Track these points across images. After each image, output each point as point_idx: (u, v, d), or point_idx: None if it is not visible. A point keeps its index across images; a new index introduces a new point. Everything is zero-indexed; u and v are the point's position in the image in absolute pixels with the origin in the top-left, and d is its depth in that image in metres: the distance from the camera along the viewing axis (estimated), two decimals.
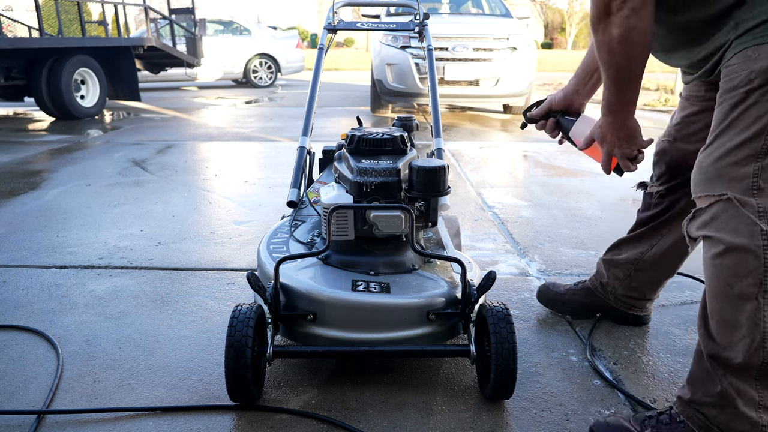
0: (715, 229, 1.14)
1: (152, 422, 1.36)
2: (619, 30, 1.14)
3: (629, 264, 1.72)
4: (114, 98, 7.83)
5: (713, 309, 1.16)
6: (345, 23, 2.40)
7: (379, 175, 1.49)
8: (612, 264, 1.76)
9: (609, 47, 1.18)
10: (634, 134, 1.34)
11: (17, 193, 3.39)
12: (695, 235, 1.19)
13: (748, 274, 1.09)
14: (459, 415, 1.38)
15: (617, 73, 1.22)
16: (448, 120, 6.63)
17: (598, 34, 1.19)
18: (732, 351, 1.12)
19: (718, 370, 1.15)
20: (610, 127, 1.33)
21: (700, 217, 1.18)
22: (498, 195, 3.40)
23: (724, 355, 1.14)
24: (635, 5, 1.12)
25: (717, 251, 1.13)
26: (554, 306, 1.91)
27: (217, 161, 4.41)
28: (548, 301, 1.92)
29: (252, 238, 2.62)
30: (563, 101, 1.62)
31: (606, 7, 1.14)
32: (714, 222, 1.14)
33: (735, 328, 1.12)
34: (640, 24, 1.14)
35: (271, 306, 1.39)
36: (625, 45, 1.16)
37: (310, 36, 39.92)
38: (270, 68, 11.79)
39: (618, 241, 1.77)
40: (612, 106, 1.29)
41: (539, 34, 46.38)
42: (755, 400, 1.12)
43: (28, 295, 2.03)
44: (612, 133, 1.34)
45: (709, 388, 1.16)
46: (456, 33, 6.20)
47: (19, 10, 7.05)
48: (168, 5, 8.93)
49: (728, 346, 1.13)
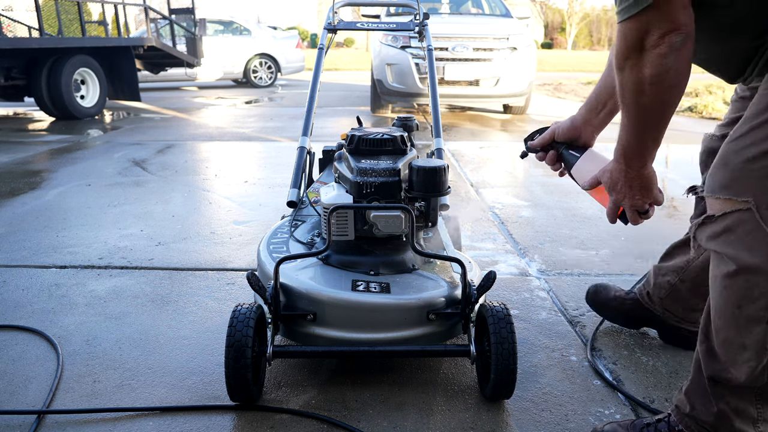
0: (728, 244, 1.02)
1: (152, 422, 1.36)
2: (652, 70, 0.98)
3: (675, 272, 1.58)
4: (114, 98, 7.83)
5: (718, 327, 1.08)
6: (345, 23, 2.40)
7: (379, 175, 1.49)
8: (660, 271, 1.63)
9: (637, 88, 1.01)
10: (649, 185, 1.17)
11: (17, 193, 3.39)
12: (705, 246, 1.08)
13: (760, 296, 1.00)
14: (459, 415, 1.38)
15: (643, 116, 1.05)
16: (448, 120, 6.62)
17: (623, 72, 1.02)
18: (735, 371, 1.06)
19: (717, 390, 1.10)
20: (622, 174, 1.16)
21: (711, 225, 1.05)
22: (498, 195, 3.39)
23: (725, 376, 1.08)
24: (675, 42, 0.95)
25: (728, 271, 1.03)
26: (601, 311, 1.80)
27: (217, 161, 4.41)
28: (596, 305, 1.81)
29: (252, 238, 2.62)
30: (569, 132, 1.41)
31: (638, 41, 0.97)
32: (727, 235, 1.02)
33: (741, 350, 1.05)
34: (677, 64, 0.97)
35: (271, 306, 1.39)
36: (657, 87, 0.99)
37: (310, 36, 39.91)
38: (270, 68, 11.78)
39: (670, 248, 1.63)
40: (629, 152, 1.12)
41: (539, 34, 46.39)
42: (753, 417, 1.09)
43: (28, 295, 2.03)
44: (624, 182, 1.17)
45: (707, 407, 1.12)
46: (456, 33, 6.20)
47: (19, 10, 7.05)
48: (168, 5, 8.93)
49: (732, 365, 1.07)
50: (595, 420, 1.37)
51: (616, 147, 1.15)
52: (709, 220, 1.06)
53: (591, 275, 2.23)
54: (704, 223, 1.07)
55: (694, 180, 1.48)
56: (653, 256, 2.39)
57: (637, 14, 0.96)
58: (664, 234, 2.65)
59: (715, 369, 1.09)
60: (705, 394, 1.13)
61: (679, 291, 1.58)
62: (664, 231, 2.71)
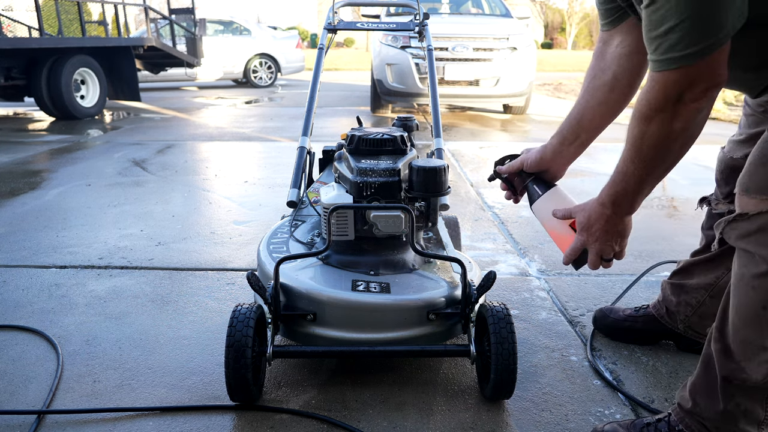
0: (761, 244, 0.99)
1: (152, 422, 1.36)
2: (684, 124, 0.94)
3: (702, 290, 1.52)
4: (114, 98, 7.83)
5: (737, 326, 1.05)
6: (345, 23, 2.40)
7: (379, 175, 1.49)
8: (682, 290, 1.57)
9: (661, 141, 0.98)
10: (625, 233, 1.17)
11: (17, 193, 3.39)
12: (734, 244, 1.06)
13: None
14: (459, 415, 1.38)
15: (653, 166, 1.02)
16: (448, 120, 6.62)
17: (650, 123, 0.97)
18: (752, 371, 1.04)
19: (729, 390, 1.08)
20: (603, 218, 1.15)
21: (743, 223, 1.01)
22: (498, 195, 3.39)
23: (741, 375, 1.06)
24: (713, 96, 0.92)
25: (759, 271, 0.99)
26: (613, 334, 1.74)
27: (217, 161, 4.41)
28: (606, 329, 1.75)
29: (252, 238, 2.62)
30: (538, 164, 1.37)
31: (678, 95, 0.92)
32: (761, 235, 0.99)
33: (760, 350, 1.03)
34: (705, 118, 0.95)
35: (271, 306, 1.39)
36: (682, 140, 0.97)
37: (310, 36, 39.92)
38: (270, 68, 11.79)
39: (686, 264, 1.57)
40: (622, 198, 1.10)
41: (539, 34, 46.40)
42: (759, 419, 1.09)
43: (28, 295, 2.03)
44: (602, 226, 1.15)
45: (713, 405, 1.11)
46: (456, 33, 6.21)
47: (19, 10, 7.05)
48: (168, 5, 8.93)
49: (747, 365, 1.05)
50: (595, 420, 1.37)
51: (607, 192, 1.12)
52: (741, 218, 1.02)
53: (591, 275, 2.23)
54: (735, 221, 1.03)
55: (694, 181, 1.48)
56: (653, 256, 2.39)
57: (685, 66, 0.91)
58: (664, 234, 2.65)
59: (731, 368, 1.07)
60: (711, 392, 1.12)
61: (709, 308, 1.51)
62: (663, 231, 2.71)
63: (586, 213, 1.18)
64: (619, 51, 1.26)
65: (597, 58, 1.31)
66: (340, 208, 1.44)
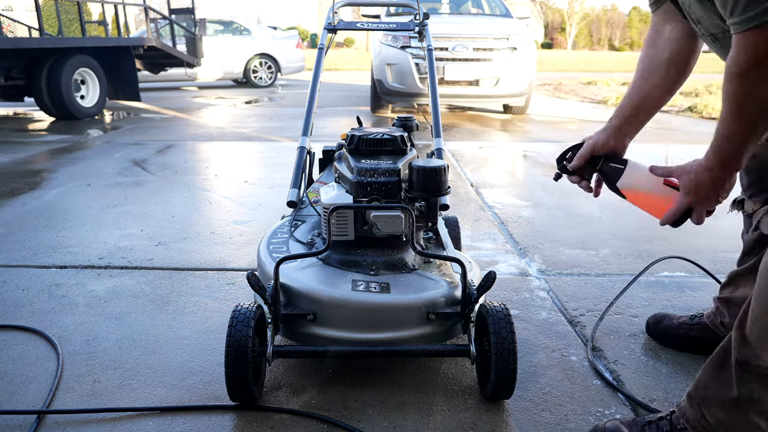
0: None
1: (152, 422, 1.36)
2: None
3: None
4: (114, 98, 7.83)
5: (758, 315, 1.06)
6: (345, 23, 2.40)
7: (379, 175, 1.49)
8: (731, 303, 1.57)
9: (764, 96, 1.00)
10: (731, 187, 1.19)
11: (17, 193, 3.39)
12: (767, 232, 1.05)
13: None
14: (459, 415, 1.38)
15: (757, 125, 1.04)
16: (448, 120, 6.63)
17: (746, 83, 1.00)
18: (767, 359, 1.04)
19: (743, 376, 1.08)
20: (711, 180, 1.17)
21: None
22: (498, 195, 3.39)
23: (756, 362, 1.06)
24: None
25: None
26: (666, 341, 1.73)
27: (217, 161, 4.41)
28: (658, 335, 1.75)
29: (252, 238, 2.62)
30: (606, 146, 1.41)
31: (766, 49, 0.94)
32: None
33: None
34: None
35: (271, 306, 1.39)
36: None
37: (310, 36, 39.93)
38: (270, 68, 11.79)
39: (731, 276, 1.57)
40: (730, 158, 1.12)
41: (539, 34, 46.40)
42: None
43: (28, 295, 2.03)
44: (709, 188, 1.18)
45: (726, 391, 1.10)
46: (456, 33, 6.21)
47: (19, 10, 7.05)
48: (168, 5, 8.93)
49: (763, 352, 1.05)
50: (595, 420, 1.37)
51: (713, 156, 1.14)
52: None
53: (591, 275, 2.23)
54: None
55: None
56: (653, 256, 2.39)
57: None
58: (664, 234, 2.65)
59: (747, 354, 1.08)
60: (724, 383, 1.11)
61: None
62: (663, 231, 2.70)
63: (691, 176, 1.21)
64: (673, 36, 1.34)
65: (649, 44, 1.39)
66: (340, 208, 1.44)
